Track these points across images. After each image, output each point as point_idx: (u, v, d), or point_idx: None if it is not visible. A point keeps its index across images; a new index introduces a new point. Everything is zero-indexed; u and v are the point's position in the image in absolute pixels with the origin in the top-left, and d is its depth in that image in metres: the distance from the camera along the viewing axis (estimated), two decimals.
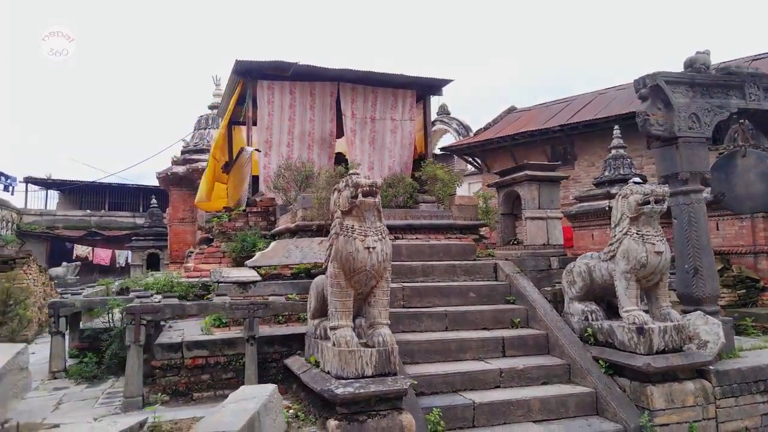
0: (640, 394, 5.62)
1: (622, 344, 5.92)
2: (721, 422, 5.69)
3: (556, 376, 6.15)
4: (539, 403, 5.64)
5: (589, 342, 6.39)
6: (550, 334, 6.61)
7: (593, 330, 6.38)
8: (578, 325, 6.60)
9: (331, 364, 4.90)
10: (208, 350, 6.02)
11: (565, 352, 6.32)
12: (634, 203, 5.81)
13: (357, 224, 4.95)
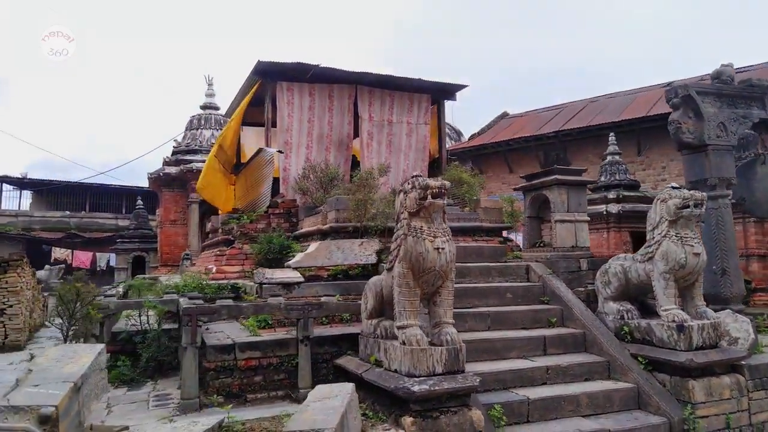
0: (681, 388, 5.91)
1: (661, 341, 6.21)
2: (753, 413, 6.03)
3: (596, 373, 6.41)
4: (587, 398, 5.88)
5: (625, 340, 6.67)
6: (588, 333, 6.87)
7: (630, 328, 6.66)
8: (613, 324, 6.88)
9: (401, 362, 5.05)
10: (261, 351, 6.09)
11: (604, 350, 6.59)
12: (674, 207, 6.10)
13: (425, 225, 5.12)
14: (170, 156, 24.00)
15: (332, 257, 7.33)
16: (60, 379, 3.79)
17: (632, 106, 21.09)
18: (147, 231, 28.26)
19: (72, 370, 3.92)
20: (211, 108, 24.75)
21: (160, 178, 23.00)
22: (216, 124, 24.65)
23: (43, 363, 3.92)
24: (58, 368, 3.88)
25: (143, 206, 29.60)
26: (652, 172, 20.16)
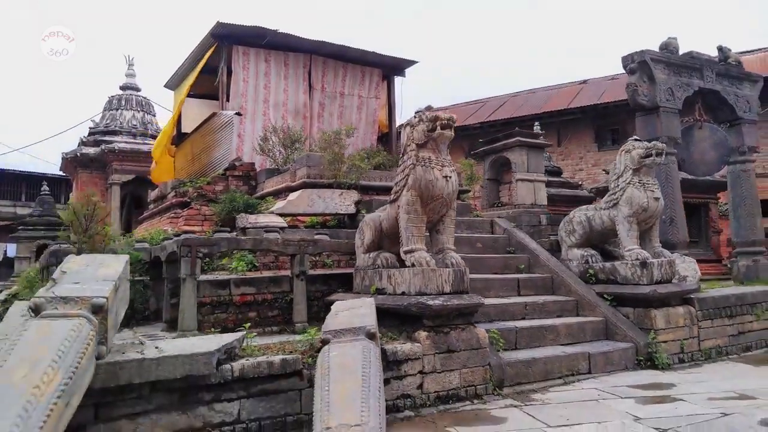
0: (644, 317, 6.57)
1: (625, 279, 6.85)
2: (701, 340, 6.82)
3: (567, 311, 6.94)
4: (565, 328, 6.38)
5: (590, 282, 7.27)
6: (555, 277, 7.42)
7: (594, 271, 7.27)
8: (578, 268, 7.47)
9: (409, 284, 5.24)
10: (255, 287, 6.04)
11: (572, 290, 7.14)
12: (637, 156, 6.77)
13: (433, 156, 5.34)
14: (87, 136, 22.50)
15: (314, 205, 7.35)
16: (99, 279, 3.62)
17: (553, 101, 22.62)
18: (53, 218, 26.18)
19: (107, 272, 3.74)
20: (132, 89, 23.55)
21: (76, 158, 21.50)
22: (138, 105, 23.49)
23: (74, 267, 3.70)
24: (91, 271, 3.69)
25: (49, 192, 27.43)
26: (570, 162, 21.73)
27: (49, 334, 2.99)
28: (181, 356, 3.76)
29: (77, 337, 3.05)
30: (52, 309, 3.28)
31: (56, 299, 3.34)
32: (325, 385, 3.26)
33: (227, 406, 4.04)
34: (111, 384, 3.53)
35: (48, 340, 2.93)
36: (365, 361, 3.55)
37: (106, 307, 3.45)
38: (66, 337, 2.98)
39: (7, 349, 2.87)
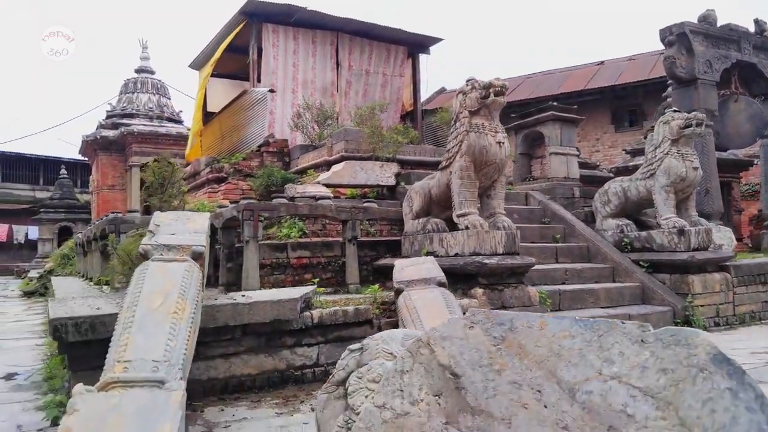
0: (680, 283, 6.80)
1: (661, 246, 7.07)
2: (736, 305, 7.05)
3: (603, 277, 7.18)
4: (604, 292, 6.62)
5: (625, 250, 7.49)
6: (591, 246, 7.64)
7: (630, 239, 7.50)
8: (612, 238, 7.70)
9: (463, 245, 5.48)
10: (310, 251, 6.30)
11: (608, 258, 7.37)
12: (677, 127, 6.95)
13: (486, 122, 5.55)
14: (105, 119, 22.74)
15: (357, 177, 7.58)
16: (190, 231, 3.87)
17: (569, 82, 22.64)
18: (73, 201, 26.57)
19: (195, 226, 3.99)
20: (147, 72, 23.74)
21: (96, 141, 21.72)
22: (153, 88, 23.70)
23: (164, 221, 3.95)
24: (181, 225, 3.93)
25: (67, 176, 27.76)
26: (587, 144, 21.81)
27: (168, 273, 3.25)
28: (269, 302, 4.02)
29: (191, 276, 3.31)
30: (158, 255, 3.54)
31: (160, 246, 3.60)
32: (415, 318, 3.51)
33: (307, 351, 4.32)
34: (209, 325, 3.81)
35: (170, 278, 3.19)
36: (446, 301, 3.81)
37: (204, 255, 3.72)
38: (184, 276, 3.24)
39: (136, 283, 3.13)
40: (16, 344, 6.52)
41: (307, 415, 3.57)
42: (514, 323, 1.41)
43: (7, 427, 3.43)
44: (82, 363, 3.58)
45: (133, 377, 2.32)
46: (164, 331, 2.67)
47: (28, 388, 4.43)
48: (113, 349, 2.56)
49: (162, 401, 2.16)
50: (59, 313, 3.44)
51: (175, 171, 5.37)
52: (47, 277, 13.79)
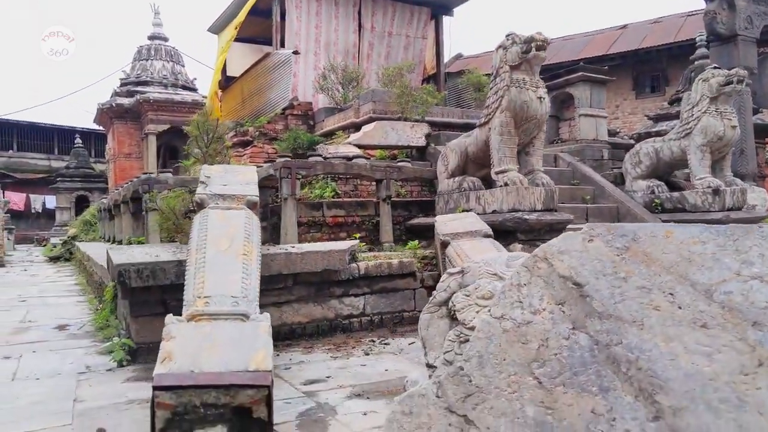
0: None
1: (695, 207, 7.04)
2: None
3: None
4: None
5: (655, 211, 7.47)
6: (621, 206, 7.62)
7: (660, 200, 7.46)
8: (642, 199, 7.67)
9: (502, 202, 5.49)
10: (345, 210, 6.35)
11: (638, 219, 7.34)
12: (716, 84, 6.83)
13: (527, 77, 5.49)
14: (120, 87, 22.67)
15: (387, 137, 7.57)
16: (241, 182, 3.91)
17: (590, 47, 22.23)
18: (88, 170, 26.75)
19: (244, 178, 4.03)
20: (160, 38, 23.51)
21: (111, 109, 21.67)
22: (167, 55, 23.50)
23: (214, 173, 3.99)
24: (231, 177, 3.97)
25: (82, 145, 27.87)
26: (607, 111, 21.52)
27: (229, 219, 3.31)
28: (320, 252, 4.08)
29: (252, 223, 3.36)
30: (213, 204, 3.59)
31: (215, 196, 3.65)
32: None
33: (354, 301, 4.40)
34: (263, 274, 3.84)
35: (232, 224, 3.24)
36: (498, 249, 3.85)
37: (258, 204, 3.77)
38: (245, 222, 3.29)
39: (199, 229, 3.18)
40: (59, 301, 6.69)
41: (362, 359, 3.67)
42: (637, 234, 1.44)
43: (76, 368, 3.55)
44: (143, 309, 3.68)
45: (217, 310, 2.39)
46: (237, 270, 2.73)
47: (82, 336, 4.57)
48: (190, 287, 2.63)
49: (251, 330, 2.23)
50: (122, 259, 3.52)
51: (220, 125, 5.39)
52: (71, 243, 14.02)
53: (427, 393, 1.54)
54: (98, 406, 2.82)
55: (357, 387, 3.04)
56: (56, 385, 3.20)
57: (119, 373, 3.43)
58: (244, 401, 1.93)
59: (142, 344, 3.68)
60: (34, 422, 2.60)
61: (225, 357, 2.03)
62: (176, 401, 1.88)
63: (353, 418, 2.58)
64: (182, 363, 1.97)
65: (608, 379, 1.27)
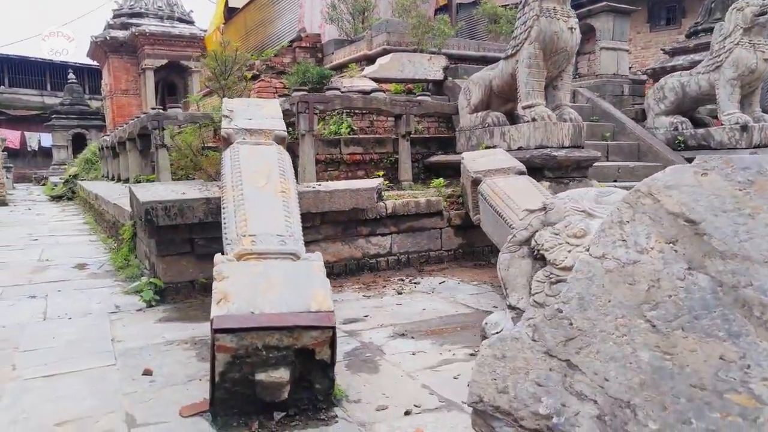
0: None
1: (720, 143, 6.86)
2: None
3: None
4: None
5: (678, 149, 7.30)
6: (642, 144, 7.44)
7: (684, 137, 7.28)
8: (665, 136, 7.48)
9: (529, 138, 5.31)
10: (363, 147, 6.17)
11: (660, 157, 7.20)
12: (750, 14, 6.50)
13: (558, 6, 5.18)
14: (113, 19, 21.75)
15: (404, 70, 7.26)
16: (266, 116, 3.72)
17: None
18: (84, 107, 26.08)
19: (268, 112, 3.83)
20: None
21: (106, 42, 20.87)
22: None
23: (236, 107, 3.78)
24: (254, 111, 3.77)
25: (76, 80, 27.07)
26: None
27: (261, 155, 3.15)
28: (348, 190, 3.95)
29: (284, 159, 3.21)
30: (240, 138, 3.43)
31: (242, 131, 3.47)
32: (513, 205, 3.45)
33: (381, 240, 4.31)
34: None
35: (265, 160, 3.09)
36: (537, 187, 3.74)
37: (286, 140, 3.60)
38: (279, 158, 3.14)
39: (231, 165, 3.03)
40: (71, 240, 6.61)
41: (395, 298, 3.61)
42: (763, 166, 1.30)
43: (105, 308, 3.49)
44: (169, 248, 3.58)
45: (265, 249, 2.28)
46: (278, 208, 2.61)
47: (104, 276, 4.51)
48: (231, 225, 2.51)
49: (305, 270, 2.13)
50: (148, 197, 3.39)
51: (239, 55, 5.13)
52: (73, 182, 13.83)
53: (521, 336, 1.45)
54: (138, 346, 2.77)
55: (398, 326, 2.99)
56: (89, 325, 3.14)
57: (150, 313, 3.37)
58: (307, 343, 1.85)
59: (170, 284, 3.62)
60: (77, 362, 2.55)
61: (284, 297, 1.94)
62: (237, 344, 1.80)
63: (402, 358, 2.53)
64: (240, 304, 1.88)
65: (738, 323, 1.17)
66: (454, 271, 4.34)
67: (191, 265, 3.64)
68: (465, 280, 4.05)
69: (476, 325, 2.97)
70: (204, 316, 3.28)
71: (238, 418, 1.90)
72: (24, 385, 2.31)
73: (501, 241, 3.57)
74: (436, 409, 2.01)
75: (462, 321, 3.05)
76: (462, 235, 4.66)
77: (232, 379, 1.85)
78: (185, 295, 3.64)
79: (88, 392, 2.22)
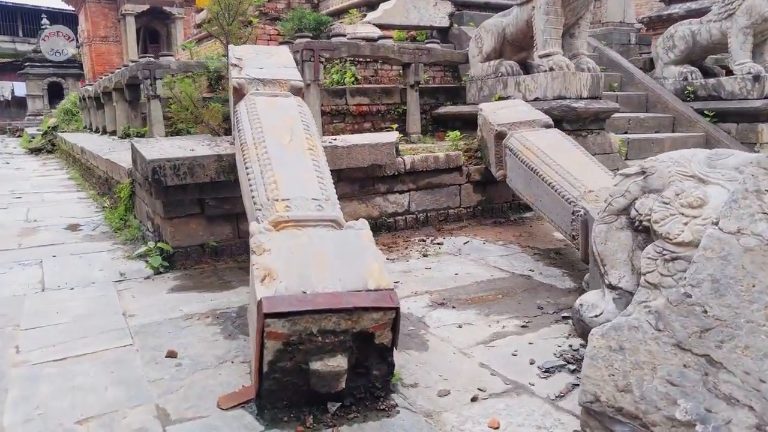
0: (748, 132, 6.50)
1: (731, 94, 6.65)
2: None
3: (664, 126, 6.85)
4: (670, 141, 6.33)
5: (687, 99, 7.07)
6: (650, 94, 7.20)
7: (694, 87, 7.05)
8: (673, 86, 7.24)
9: (546, 88, 5.03)
10: (369, 98, 5.85)
11: (669, 107, 6.98)
12: None
13: None
14: None
15: (409, 16, 6.84)
16: (278, 65, 3.38)
17: None
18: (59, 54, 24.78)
19: (280, 61, 3.48)
20: None
21: None
22: None
23: (245, 55, 3.42)
24: (264, 59, 3.42)
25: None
26: None
27: (280, 108, 2.85)
28: (367, 145, 3.67)
29: (305, 112, 2.91)
30: (254, 89, 3.10)
31: (254, 80, 3.14)
32: (549, 161, 3.22)
33: (399, 198, 4.07)
34: None
35: (286, 113, 2.79)
36: (572, 143, 3.50)
37: (303, 91, 3.29)
38: (299, 111, 2.84)
39: (249, 118, 2.73)
40: (58, 197, 6.24)
41: (422, 261, 3.41)
42: None
43: (109, 276, 3.23)
44: (177, 209, 3.30)
45: (303, 216, 2.02)
46: (309, 168, 2.34)
47: (100, 238, 4.21)
48: (260, 187, 2.24)
49: (355, 240, 1.89)
50: (154, 154, 3.07)
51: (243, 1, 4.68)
52: (52, 134, 13.19)
53: (640, 325, 1.25)
54: (153, 322, 2.53)
55: (434, 294, 2.79)
56: (95, 297, 2.88)
57: (159, 282, 3.12)
58: (367, 326, 1.63)
59: (179, 248, 3.35)
60: (91, 342, 2.31)
61: (337, 273, 1.70)
62: (290, 329, 1.57)
63: (449, 332, 2.34)
64: (290, 282, 1.64)
65: None
66: (475, 230, 4.13)
67: (201, 227, 3.37)
68: (489, 239, 3.86)
69: (517, 292, 2.80)
70: (220, 284, 3.05)
71: (289, 411, 1.69)
72: (33, 372, 2.06)
73: (535, 200, 3.36)
74: (504, 393, 1.83)
75: (501, 287, 2.86)
76: (481, 192, 4.44)
77: (282, 368, 1.63)
78: (195, 261, 3.39)
79: (108, 380, 1.98)
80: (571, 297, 2.68)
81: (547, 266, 3.19)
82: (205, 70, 5.64)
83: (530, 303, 2.63)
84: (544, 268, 3.14)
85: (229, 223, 3.46)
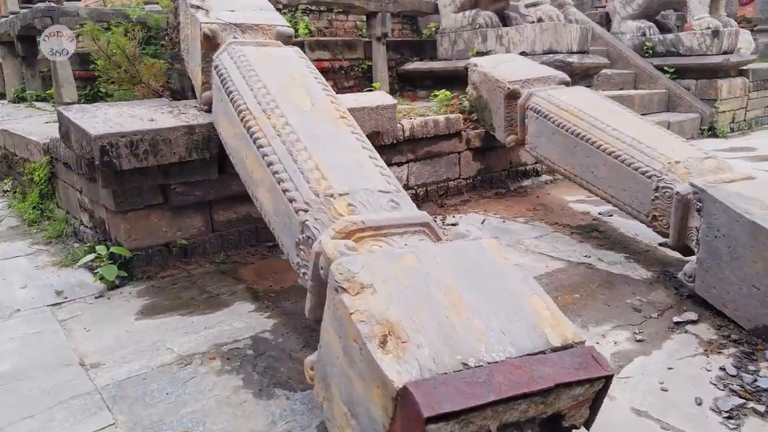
0: (707, 89, 6.43)
1: (690, 50, 6.53)
2: (748, 110, 6.91)
3: (627, 83, 6.64)
4: (639, 99, 6.16)
5: (646, 55, 6.89)
6: (611, 50, 6.93)
7: (652, 43, 6.87)
8: (632, 41, 7.03)
9: (534, 41, 4.54)
10: (330, 52, 5.09)
11: (631, 63, 6.77)
12: None
13: None
14: None
15: None
16: (254, 8, 2.60)
17: None
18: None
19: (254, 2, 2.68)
20: None
21: None
22: None
23: None
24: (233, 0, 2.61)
25: None
26: None
27: (278, 61, 2.11)
28: (367, 108, 2.98)
29: (312, 66, 2.18)
30: (231, 38, 2.31)
31: (230, 26, 2.37)
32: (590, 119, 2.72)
33: (397, 171, 3.45)
34: None
35: (291, 67, 2.06)
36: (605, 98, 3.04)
37: (293, 39, 2.52)
38: (305, 65, 2.12)
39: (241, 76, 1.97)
40: None
41: None
42: None
43: (40, 296, 2.36)
44: (133, 200, 2.47)
45: (379, 220, 1.36)
46: (354, 146, 1.66)
47: (13, 237, 3.23)
48: (296, 175, 1.53)
49: (481, 257, 1.25)
50: (100, 128, 2.19)
51: None
52: None
53: None
54: (134, 374, 1.74)
55: None
56: (29, 334, 2.03)
57: (119, 302, 2.29)
58: (562, 407, 1.03)
59: (137, 251, 2.53)
60: (46, 428, 1.51)
61: (492, 322, 1.08)
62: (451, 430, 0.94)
63: None
64: (433, 347, 1.00)
65: None
66: (480, 204, 3.59)
67: (165, 221, 2.56)
68: (504, 215, 3.34)
69: (592, 288, 2.27)
70: (206, 300, 2.28)
71: None
72: None
73: (580, 172, 2.86)
74: None
75: (569, 283, 2.34)
76: (480, 160, 3.89)
77: None
78: (160, 266, 2.58)
79: None
80: (658, 292, 2.22)
81: (597, 249, 2.72)
82: (125, 18, 4.56)
83: (619, 303, 2.13)
84: (598, 252, 2.66)
85: (200, 214, 2.67)
